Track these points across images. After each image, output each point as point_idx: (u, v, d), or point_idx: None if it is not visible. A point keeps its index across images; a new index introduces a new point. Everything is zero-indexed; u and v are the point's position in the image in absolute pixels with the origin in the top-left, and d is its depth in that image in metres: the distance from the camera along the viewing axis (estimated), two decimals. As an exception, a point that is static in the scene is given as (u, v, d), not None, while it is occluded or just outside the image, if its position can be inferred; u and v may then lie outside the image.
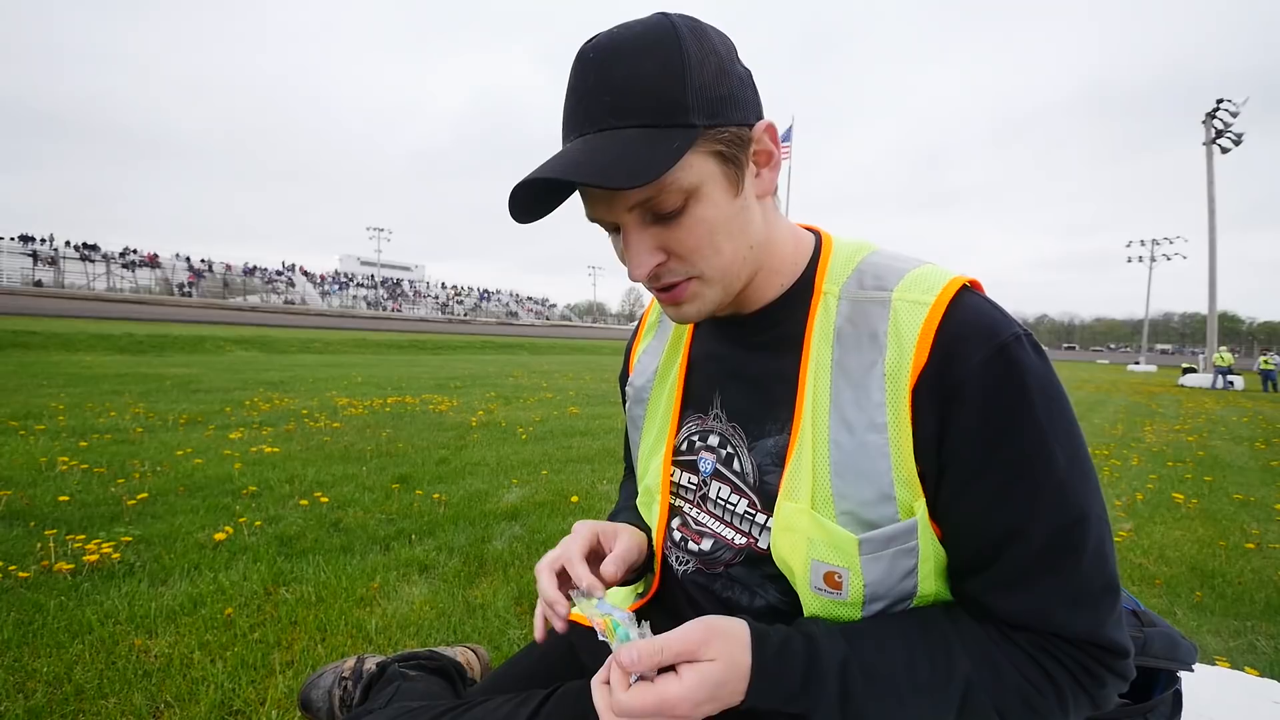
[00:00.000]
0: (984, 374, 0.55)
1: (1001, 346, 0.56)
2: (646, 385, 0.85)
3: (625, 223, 0.59)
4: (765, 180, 0.63)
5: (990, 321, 0.57)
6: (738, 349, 0.73)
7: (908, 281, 0.61)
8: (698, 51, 0.55)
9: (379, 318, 52.64)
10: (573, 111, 0.58)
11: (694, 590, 0.75)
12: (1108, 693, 0.58)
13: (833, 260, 0.68)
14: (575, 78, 0.58)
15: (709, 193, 0.57)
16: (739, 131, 0.58)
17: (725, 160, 0.57)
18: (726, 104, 0.56)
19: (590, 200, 0.60)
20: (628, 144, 0.53)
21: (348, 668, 1.21)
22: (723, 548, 0.72)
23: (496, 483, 3.48)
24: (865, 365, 0.60)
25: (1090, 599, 0.56)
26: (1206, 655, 1.89)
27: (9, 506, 2.57)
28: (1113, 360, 63.17)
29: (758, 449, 0.68)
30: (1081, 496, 0.56)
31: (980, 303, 0.60)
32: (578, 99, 0.57)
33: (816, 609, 0.63)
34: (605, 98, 0.55)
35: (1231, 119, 25.15)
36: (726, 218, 0.59)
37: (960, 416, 0.56)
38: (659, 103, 0.54)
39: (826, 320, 0.64)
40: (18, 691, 1.37)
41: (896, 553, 0.59)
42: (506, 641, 1.72)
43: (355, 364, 12.07)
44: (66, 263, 50.32)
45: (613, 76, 0.55)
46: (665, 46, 0.54)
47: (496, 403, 7.09)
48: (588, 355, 21.07)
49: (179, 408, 5.41)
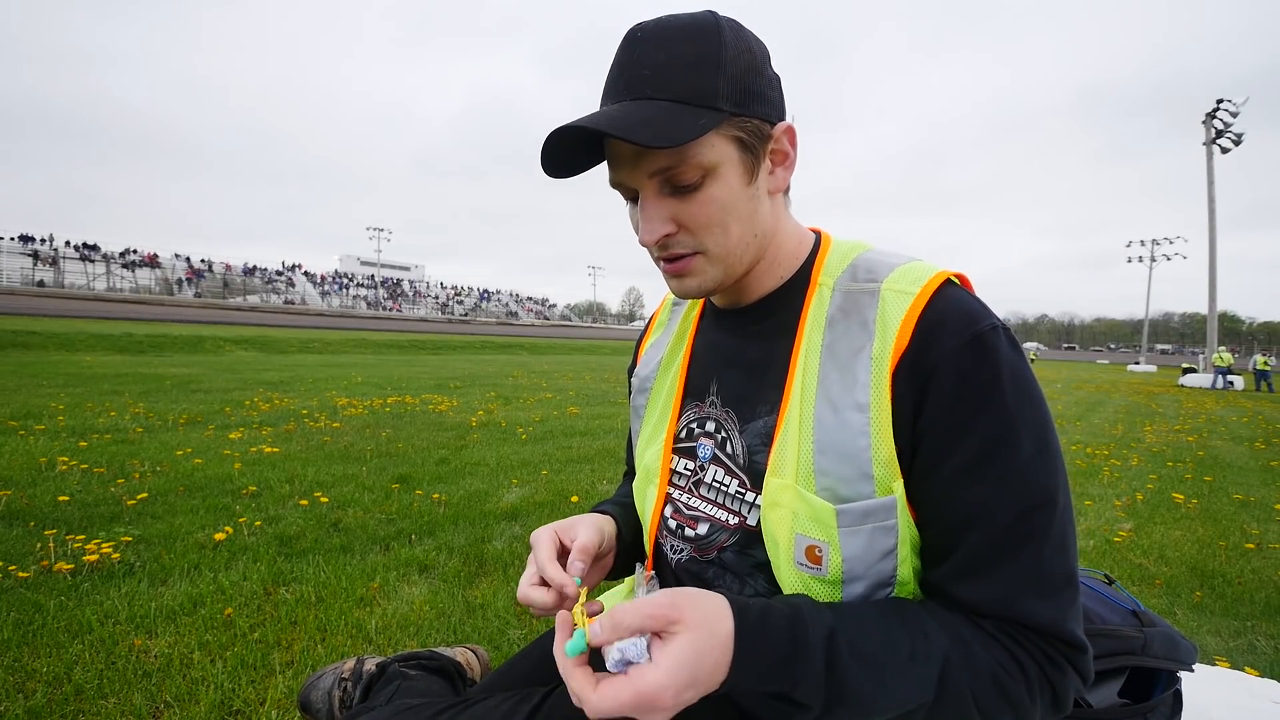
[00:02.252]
0: (958, 358, 0.58)
1: (977, 334, 0.59)
2: (650, 375, 0.88)
3: (644, 189, 0.63)
4: (779, 178, 0.67)
5: (969, 311, 0.61)
6: (736, 338, 0.76)
7: (897, 274, 0.65)
8: (735, 47, 0.60)
9: (379, 318, 52.68)
10: (614, 82, 0.62)
11: (686, 579, 0.77)
12: (1068, 688, 0.58)
13: (830, 255, 0.72)
14: (621, 53, 0.62)
15: (725, 174, 0.61)
16: (761, 125, 0.62)
17: (744, 148, 0.62)
18: (753, 98, 0.61)
19: (615, 162, 0.63)
20: (659, 111, 0.58)
21: (347, 668, 1.21)
22: (718, 530, 0.73)
23: (496, 483, 3.48)
24: (854, 350, 0.63)
25: (1052, 588, 0.57)
26: (1206, 655, 1.89)
27: (9, 506, 2.57)
28: (1113, 360, 63.17)
29: (748, 430, 0.71)
30: (1046, 484, 0.58)
31: (962, 294, 0.63)
32: (620, 71, 0.62)
33: (798, 586, 0.64)
34: (645, 71, 0.60)
35: (1231, 119, 25.16)
36: (738, 201, 0.63)
37: (934, 397, 0.58)
38: (693, 84, 0.59)
39: (820, 309, 0.68)
40: (17, 691, 1.37)
41: (874, 529, 0.60)
42: (506, 641, 1.72)
43: (355, 364, 12.07)
44: (66, 263, 50.34)
45: (655, 55, 0.60)
46: (706, 37, 0.60)
47: (496, 403, 7.09)
48: (588, 355, 21.08)
49: (179, 408, 5.41)
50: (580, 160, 0.64)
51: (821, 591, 0.63)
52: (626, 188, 0.65)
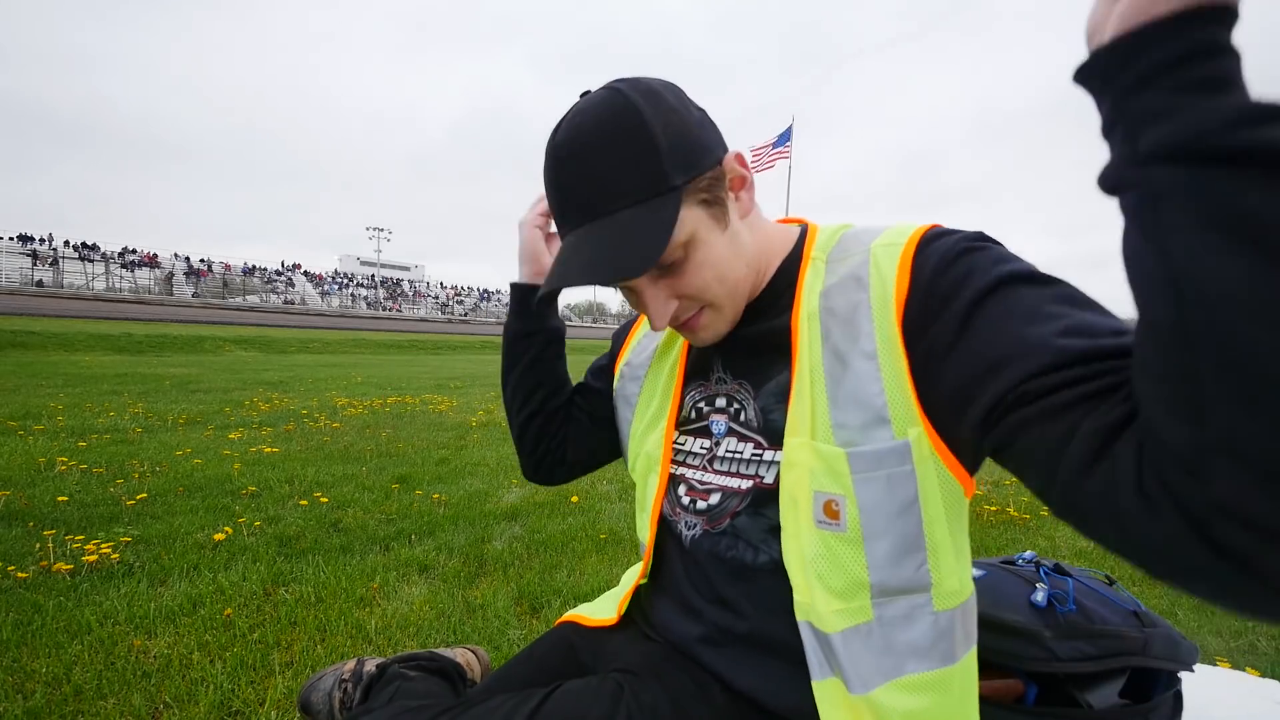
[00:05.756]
0: (952, 261, 0.58)
1: (963, 239, 0.60)
2: (644, 363, 0.88)
3: (638, 284, 0.66)
4: (744, 201, 0.69)
5: (954, 235, 0.61)
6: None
7: (883, 236, 0.66)
8: (657, 119, 0.59)
9: (379, 318, 52.64)
10: (563, 208, 0.64)
11: (700, 556, 0.75)
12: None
13: (818, 237, 0.73)
14: (554, 174, 0.63)
15: (704, 237, 0.63)
16: (714, 173, 0.63)
17: (709, 204, 0.63)
18: (696, 154, 0.62)
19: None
20: (626, 229, 0.59)
21: (347, 670, 1.20)
22: (729, 496, 0.73)
23: (496, 483, 3.48)
24: (852, 305, 0.64)
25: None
26: (1207, 655, 1.89)
27: (8, 506, 2.56)
28: (1112, 360, 63.06)
29: (762, 394, 0.72)
30: (1068, 288, 0.53)
31: (948, 230, 0.64)
32: (565, 196, 0.63)
33: (819, 548, 0.63)
34: (591, 191, 0.60)
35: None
36: (723, 252, 0.65)
37: (939, 303, 0.57)
38: (641, 181, 0.59)
39: (815, 278, 0.69)
40: (16, 692, 1.37)
41: (890, 476, 0.59)
42: (506, 642, 1.72)
43: (355, 364, 12.06)
44: (66, 263, 50.31)
45: (592, 170, 0.60)
46: (630, 128, 0.59)
47: (496, 403, 7.09)
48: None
49: (178, 408, 5.41)
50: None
51: (845, 553, 0.62)
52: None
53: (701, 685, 0.72)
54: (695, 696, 0.71)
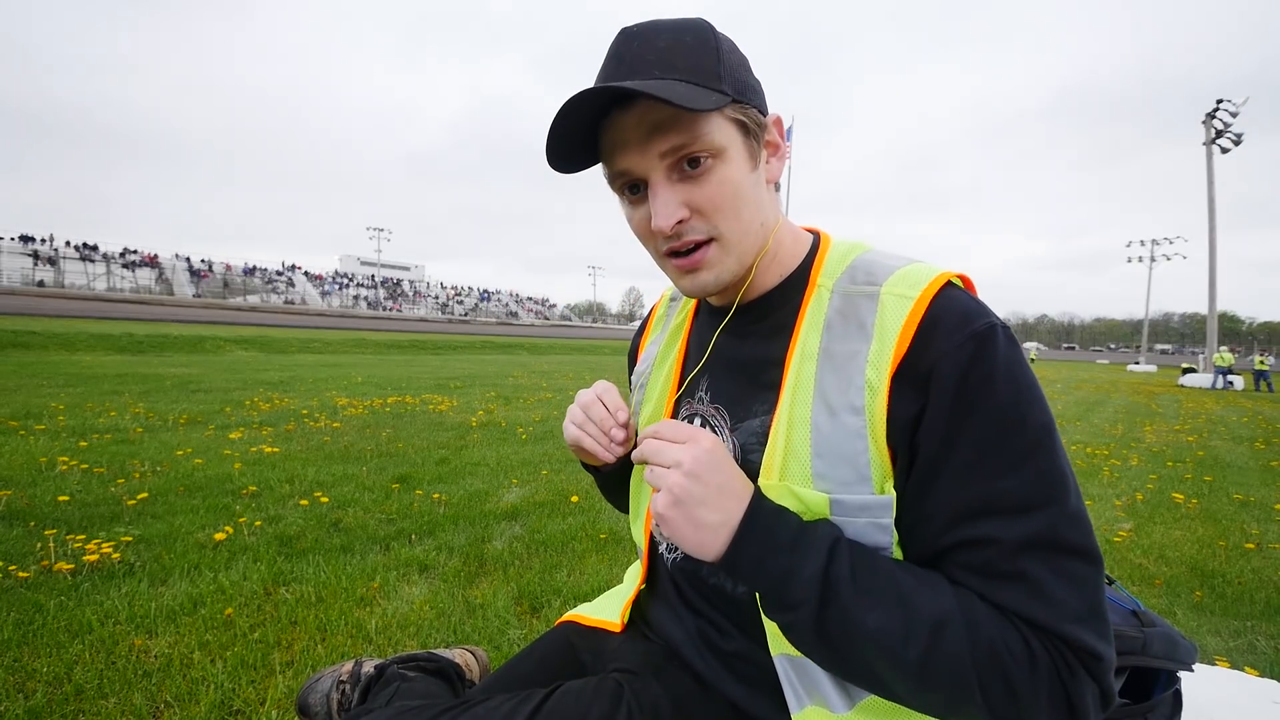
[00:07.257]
0: (957, 355, 0.57)
1: (974, 333, 0.58)
2: (646, 372, 0.88)
3: (654, 174, 0.62)
4: (773, 168, 0.68)
5: (966, 310, 0.60)
6: (731, 337, 0.75)
7: (896, 277, 0.64)
8: (727, 44, 0.64)
9: (379, 318, 52.65)
10: (613, 71, 0.62)
11: (681, 579, 0.76)
12: (1085, 697, 0.52)
13: (829, 256, 0.71)
14: (618, 46, 0.63)
15: (733, 156, 0.62)
16: (757, 114, 0.64)
17: (747, 132, 0.64)
18: (749, 89, 0.64)
19: (622, 148, 0.62)
20: (676, 84, 0.59)
21: (346, 671, 1.20)
22: None
23: (496, 483, 3.48)
24: (850, 353, 0.62)
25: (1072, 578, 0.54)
26: (1206, 655, 1.89)
27: (9, 506, 2.57)
28: (1113, 360, 63.14)
29: (741, 429, 0.70)
30: (1052, 471, 0.55)
31: (961, 295, 0.62)
32: (619, 59, 0.62)
33: None
34: (649, 56, 0.61)
35: (1231, 119, 25.13)
36: (746, 184, 0.64)
37: (935, 397, 0.57)
38: (697, 66, 0.61)
39: (818, 310, 0.67)
40: (18, 691, 1.37)
41: (869, 524, 0.59)
42: (506, 641, 1.72)
43: (355, 364, 12.07)
44: (66, 263, 50.32)
45: (656, 42, 0.61)
46: (701, 31, 0.63)
47: (496, 403, 7.09)
48: (588, 355, 21.07)
49: (179, 408, 5.41)
50: (579, 156, 0.64)
51: None
52: (631, 177, 0.64)
53: (702, 685, 0.72)
54: (696, 696, 0.71)
